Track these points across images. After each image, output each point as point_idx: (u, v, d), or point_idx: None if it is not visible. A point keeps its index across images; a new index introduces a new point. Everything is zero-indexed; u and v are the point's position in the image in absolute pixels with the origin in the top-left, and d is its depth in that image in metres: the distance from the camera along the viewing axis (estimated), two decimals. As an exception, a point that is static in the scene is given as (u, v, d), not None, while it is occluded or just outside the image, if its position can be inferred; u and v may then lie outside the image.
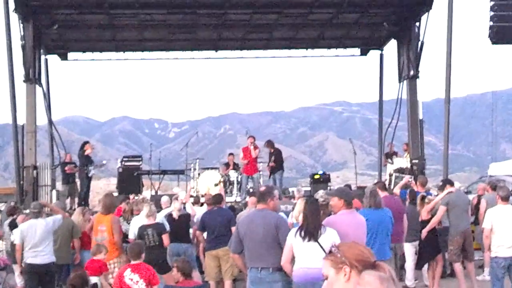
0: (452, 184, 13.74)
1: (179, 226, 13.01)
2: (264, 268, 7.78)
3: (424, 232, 12.62)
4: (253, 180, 20.80)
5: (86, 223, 13.45)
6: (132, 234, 12.49)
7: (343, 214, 7.89)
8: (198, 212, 14.04)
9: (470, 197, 15.90)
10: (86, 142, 20.75)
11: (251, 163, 20.36)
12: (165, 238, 11.81)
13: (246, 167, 20.46)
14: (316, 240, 7.31)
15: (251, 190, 19.95)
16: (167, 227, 12.26)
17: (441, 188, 13.89)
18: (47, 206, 13.01)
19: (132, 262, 9.25)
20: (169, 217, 13.15)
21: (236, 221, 11.80)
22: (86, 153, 20.06)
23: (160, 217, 12.81)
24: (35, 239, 11.24)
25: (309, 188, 22.05)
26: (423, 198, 12.99)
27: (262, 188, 8.52)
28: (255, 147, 20.33)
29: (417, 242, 13.02)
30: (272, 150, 20.96)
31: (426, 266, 13.09)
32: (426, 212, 12.79)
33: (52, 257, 11.44)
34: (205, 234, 12.69)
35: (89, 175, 20.07)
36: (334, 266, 3.52)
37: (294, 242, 7.45)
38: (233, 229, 11.95)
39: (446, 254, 13.41)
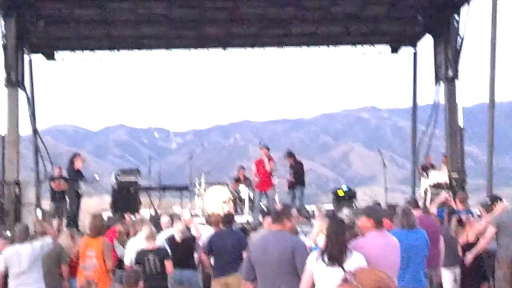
0: (501, 200, 13.64)
1: (183, 251, 13.01)
2: (279, 297, 7.78)
3: (470, 257, 12.52)
4: (268, 197, 20.80)
5: (75, 247, 13.47)
6: (129, 259, 12.50)
7: (372, 236, 7.87)
8: (204, 233, 14.04)
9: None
10: (76, 155, 20.79)
11: (265, 177, 20.33)
12: (168, 265, 11.82)
13: (258, 181, 20.45)
14: (341, 265, 7.29)
15: (265, 208, 19.94)
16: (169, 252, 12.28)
17: (487, 206, 13.82)
18: (41, 225, 13.04)
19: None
20: (171, 240, 13.16)
21: (248, 244, 11.82)
22: (76, 167, 20.09)
23: (160, 240, 12.81)
24: (21, 266, 11.25)
25: (331, 207, 22.02)
26: (460, 220, 12.85)
27: (278, 207, 8.51)
28: (270, 159, 20.31)
29: (457, 268, 12.95)
30: (293, 163, 21.02)
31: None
32: (473, 234, 12.68)
33: (40, 286, 11.45)
34: (212, 260, 12.68)
35: (80, 192, 20.08)
36: None
37: (315, 268, 7.43)
38: (245, 253, 12.00)
39: (491, 281, 13.32)
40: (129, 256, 12.51)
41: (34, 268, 11.35)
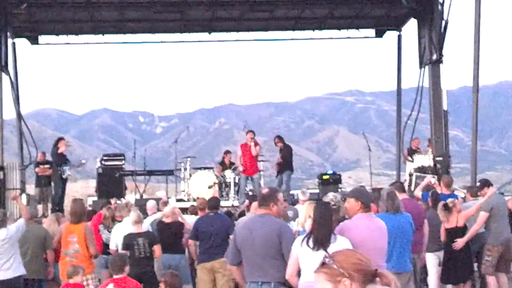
0: (491, 185, 13.60)
1: (172, 234, 13.01)
2: (265, 283, 7.78)
3: (461, 242, 12.45)
4: (253, 181, 20.82)
5: (59, 232, 13.44)
6: (114, 244, 12.47)
7: (359, 218, 7.88)
8: (188, 221, 14.00)
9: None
10: (60, 139, 20.71)
11: (250, 162, 20.36)
12: (157, 248, 11.81)
13: (245, 166, 20.45)
14: (325, 249, 7.29)
15: (250, 193, 19.96)
16: None
17: (472, 190, 13.86)
18: (16, 201, 12.97)
19: (115, 277, 9.23)
20: (160, 224, 13.17)
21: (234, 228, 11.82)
22: (59, 151, 20.00)
23: (146, 225, 12.80)
24: None
25: (317, 190, 22.07)
26: (446, 206, 12.73)
27: (265, 190, 8.41)
28: (256, 144, 20.33)
29: (441, 252, 12.96)
30: (281, 146, 21.10)
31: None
32: (463, 219, 12.64)
33: (19, 271, 11.38)
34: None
35: (64, 176, 20.00)
36: (331, 279, 3.50)
37: (300, 252, 7.43)
38: (231, 237, 12.00)
39: (477, 266, 13.38)
40: (114, 241, 12.49)
41: (9, 252, 11.28)
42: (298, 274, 7.52)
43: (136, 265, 11.05)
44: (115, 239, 12.40)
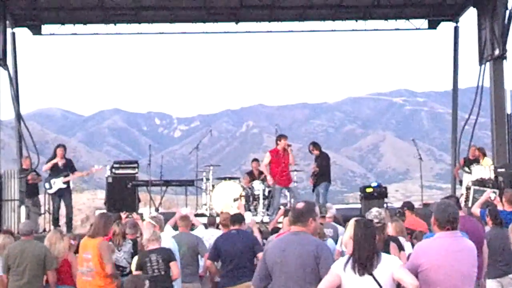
0: None
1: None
2: (299, 312, 7.80)
3: None
4: (290, 191, 20.74)
5: (64, 250, 13.50)
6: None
7: (440, 237, 7.76)
8: (208, 236, 14.00)
9: None
10: (58, 146, 20.95)
11: (285, 171, 20.28)
12: (174, 267, 11.73)
13: (278, 175, 20.33)
14: (370, 273, 7.27)
15: (281, 207, 19.94)
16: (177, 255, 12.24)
17: None
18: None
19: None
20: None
21: (262, 248, 11.82)
22: (53, 161, 20.27)
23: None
24: None
25: (359, 205, 22.00)
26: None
27: (300, 205, 8.36)
28: (290, 151, 20.28)
29: (503, 279, 12.84)
30: (317, 154, 21.09)
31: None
32: None
33: None
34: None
35: (49, 192, 20.20)
36: None
37: (344, 276, 7.39)
38: (259, 255, 11.98)
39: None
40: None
41: None
42: None
43: (151, 285, 11.12)
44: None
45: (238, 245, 12.16)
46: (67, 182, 20.42)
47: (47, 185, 20.07)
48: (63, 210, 20.81)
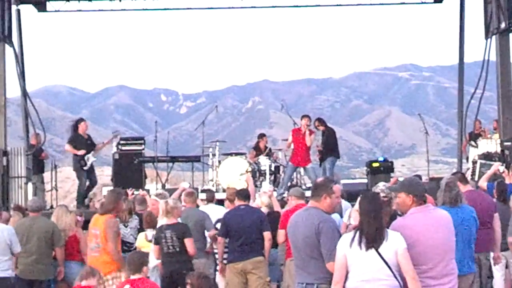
0: None
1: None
2: (309, 284, 7.91)
3: None
4: (307, 172, 20.71)
5: (71, 224, 13.55)
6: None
7: (413, 213, 7.82)
8: (212, 212, 13.95)
9: None
10: (80, 120, 20.88)
11: (303, 151, 20.20)
12: (188, 243, 11.65)
13: (294, 154, 20.27)
14: (377, 248, 7.31)
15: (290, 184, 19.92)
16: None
17: None
18: None
19: (132, 277, 9.33)
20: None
21: (269, 226, 12.06)
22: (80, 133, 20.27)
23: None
24: None
25: (365, 180, 22.00)
26: None
27: (318, 179, 8.56)
28: (311, 132, 20.23)
29: (508, 253, 12.86)
30: (323, 129, 21.03)
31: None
32: None
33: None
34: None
35: (85, 167, 20.11)
36: None
37: (348, 253, 7.40)
38: (265, 234, 12.02)
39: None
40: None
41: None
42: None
43: (167, 262, 11.14)
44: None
45: (246, 221, 12.15)
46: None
47: (82, 162, 19.99)
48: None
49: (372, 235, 7.35)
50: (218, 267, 13.16)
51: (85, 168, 20.05)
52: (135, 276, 9.29)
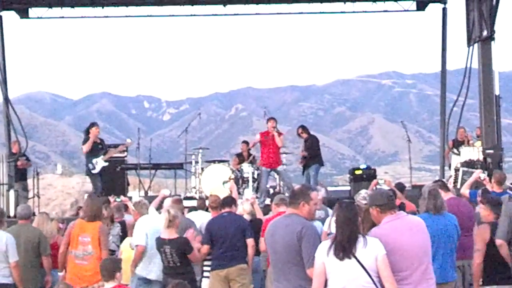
0: None
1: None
2: (289, 291, 7.91)
3: None
4: (279, 174, 20.77)
5: (52, 232, 13.51)
6: (141, 239, 12.31)
7: (388, 222, 7.82)
8: (197, 219, 13.95)
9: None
10: (92, 124, 20.57)
11: (273, 153, 20.26)
12: (193, 258, 11.60)
13: (265, 157, 20.34)
14: (351, 256, 7.31)
15: (271, 190, 19.92)
16: None
17: None
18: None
19: (106, 285, 9.22)
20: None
21: (252, 233, 12.07)
22: (90, 141, 20.03)
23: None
24: None
25: (348, 188, 22.05)
26: None
27: (297, 187, 8.54)
28: (279, 134, 20.26)
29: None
30: (306, 137, 21.02)
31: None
32: None
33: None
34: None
35: (94, 171, 19.91)
36: None
37: (327, 262, 7.41)
38: (249, 241, 12.03)
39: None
40: (139, 237, 12.34)
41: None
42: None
43: (169, 274, 11.11)
44: (140, 234, 12.24)
45: (230, 228, 12.15)
46: (108, 160, 20.33)
47: (90, 166, 19.82)
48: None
49: (346, 242, 7.36)
50: (205, 274, 13.17)
51: (93, 171, 19.87)
52: (109, 285, 9.14)
